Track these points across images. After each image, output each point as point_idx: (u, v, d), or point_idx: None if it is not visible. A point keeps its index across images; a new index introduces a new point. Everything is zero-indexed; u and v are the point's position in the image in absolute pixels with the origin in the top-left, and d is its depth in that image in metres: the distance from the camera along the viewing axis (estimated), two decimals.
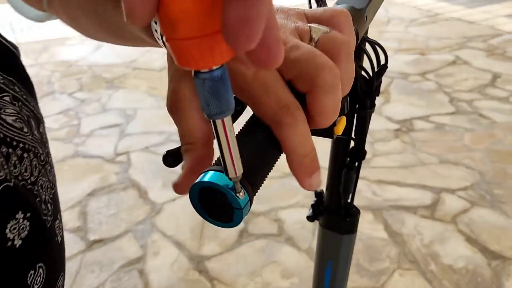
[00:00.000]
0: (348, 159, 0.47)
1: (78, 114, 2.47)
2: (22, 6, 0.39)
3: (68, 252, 1.56)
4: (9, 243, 0.27)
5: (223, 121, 0.22)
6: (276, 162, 0.28)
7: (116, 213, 1.73)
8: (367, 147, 1.87)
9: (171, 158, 0.31)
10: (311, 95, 0.26)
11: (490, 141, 2.10)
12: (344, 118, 0.30)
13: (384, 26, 3.74)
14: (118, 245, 1.59)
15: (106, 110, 2.52)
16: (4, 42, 0.35)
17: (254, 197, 0.26)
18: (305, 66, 0.26)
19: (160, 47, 0.32)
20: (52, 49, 3.45)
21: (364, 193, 1.78)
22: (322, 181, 0.30)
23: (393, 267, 1.46)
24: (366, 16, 0.37)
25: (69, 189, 1.87)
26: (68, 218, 1.71)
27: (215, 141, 0.24)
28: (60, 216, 0.36)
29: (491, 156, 1.99)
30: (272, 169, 0.28)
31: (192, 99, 0.27)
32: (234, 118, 0.34)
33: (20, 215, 0.28)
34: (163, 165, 0.32)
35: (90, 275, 1.47)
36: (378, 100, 2.50)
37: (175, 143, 2.14)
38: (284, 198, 1.76)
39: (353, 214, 0.51)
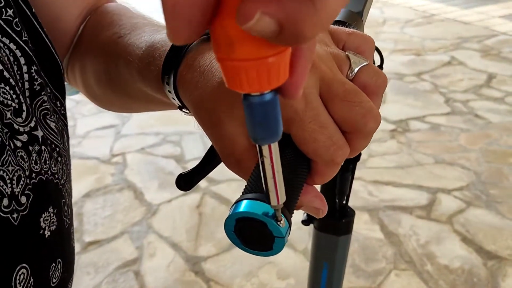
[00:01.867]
0: None
1: (74, 115, 2.46)
2: None
3: None
4: (41, 231, 0.30)
5: (269, 147, 0.21)
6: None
7: (112, 214, 1.73)
8: None
9: (183, 181, 0.31)
10: (350, 135, 0.27)
11: (485, 141, 2.11)
12: None
13: (380, 27, 3.75)
14: (114, 247, 1.58)
15: (102, 111, 2.50)
16: (57, 57, 0.37)
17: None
18: (354, 111, 0.26)
19: (174, 108, 0.33)
20: None
21: (360, 194, 1.79)
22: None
23: (389, 267, 1.46)
24: (363, 19, 0.37)
25: None
26: None
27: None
28: (73, 225, 0.38)
29: (487, 156, 2.00)
30: (301, 190, 0.27)
31: (252, 152, 0.27)
32: None
33: (51, 209, 0.31)
34: (159, 166, 0.32)
35: (85, 277, 1.46)
36: None
37: (171, 144, 2.14)
38: None
39: (348, 215, 0.51)
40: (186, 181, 0.31)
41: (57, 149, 0.34)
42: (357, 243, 1.54)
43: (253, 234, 0.25)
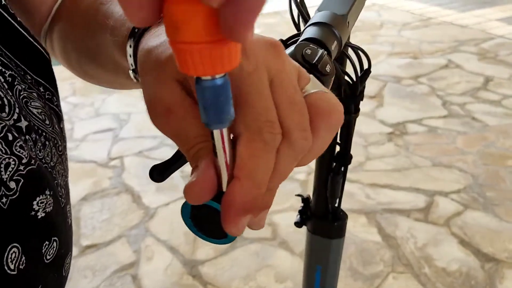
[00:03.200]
0: (334, 163, 0.47)
1: (71, 118, 2.46)
2: None
3: None
4: (33, 213, 0.32)
5: (221, 132, 0.21)
6: None
7: (109, 218, 1.73)
8: (360, 150, 1.85)
9: (156, 172, 0.31)
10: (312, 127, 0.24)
11: (482, 144, 2.12)
12: None
13: (377, 30, 3.76)
14: (111, 250, 1.58)
15: (100, 114, 2.51)
16: (37, 45, 0.40)
17: None
18: (320, 99, 0.25)
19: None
20: None
21: (357, 197, 1.79)
22: (309, 186, 0.29)
23: (387, 270, 1.46)
24: (348, 22, 0.37)
25: None
26: None
27: None
28: (70, 203, 0.41)
29: (484, 158, 2.00)
30: None
31: (185, 105, 0.24)
32: None
33: (48, 192, 0.34)
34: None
35: (82, 280, 1.46)
36: (372, 104, 2.51)
37: (168, 147, 2.14)
38: (278, 202, 1.76)
39: (340, 218, 0.51)
40: (159, 173, 0.31)
41: (44, 133, 0.36)
42: (355, 246, 1.54)
43: (208, 221, 0.25)
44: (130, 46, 0.31)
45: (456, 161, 2.00)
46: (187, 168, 0.27)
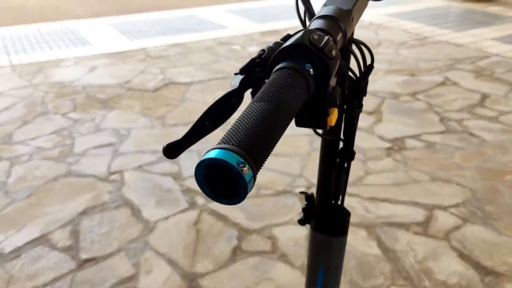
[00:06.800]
0: (338, 160, 0.48)
1: (72, 134, 2.47)
2: None
3: (58, 271, 1.55)
4: None
5: None
6: (279, 139, 0.29)
7: (109, 231, 1.72)
8: (359, 165, 1.87)
9: (171, 150, 0.32)
10: None
11: (480, 159, 2.13)
12: (336, 110, 0.32)
13: (374, 48, 3.81)
14: (110, 264, 1.57)
15: (100, 130, 2.52)
16: None
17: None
18: None
19: None
20: (46, 70, 3.47)
21: (357, 211, 1.79)
22: (313, 183, 0.31)
23: (387, 283, 1.45)
24: (352, 17, 0.39)
25: (61, 208, 1.86)
26: (59, 237, 1.69)
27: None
28: None
29: (482, 173, 2.02)
30: (275, 146, 0.29)
31: None
32: (231, 111, 0.36)
33: None
34: (157, 183, 0.34)
35: None
36: (370, 120, 2.54)
37: (168, 162, 2.15)
38: (278, 216, 1.76)
39: (343, 215, 0.52)
40: (173, 150, 0.32)
41: None
42: (355, 259, 1.54)
43: (220, 180, 0.26)
44: None
45: (454, 176, 2.01)
46: (187, 181, 0.28)
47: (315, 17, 0.38)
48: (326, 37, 0.32)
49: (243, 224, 1.72)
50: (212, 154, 0.26)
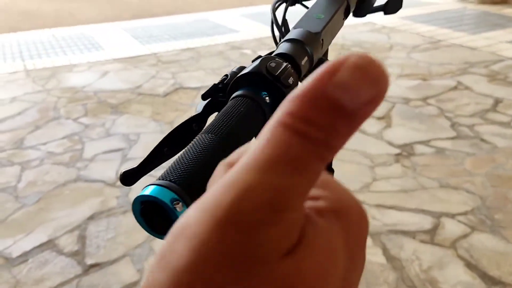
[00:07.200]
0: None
1: (82, 138, 2.51)
2: None
3: (64, 276, 1.57)
4: None
5: None
6: None
7: (115, 236, 1.74)
8: (367, 171, 1.85)
9: (128, 178, 0.32)
10: None
11: (491, 166, 2.09)
12: None
13: (386, 52, 3.78)
14: (115, 269, 1.58)
15: (110, 135, 2.55)
16: None
17: None
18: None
19: None
20: (59, 75, 3.52)
21: None
22: None
23: None
24: (322, 39, 0.39)
25: (69, 213, 1.88)
26: (66, 242, 1.72)
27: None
28: None
29: (492, 181, 1.98)
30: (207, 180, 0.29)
31: None
32: (191, 138, 0.36)
33: None
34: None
35: None
36: (380, 125, 2.51)
37: None
38: None
39: None
40: (130, 178, 0.32)
41: None
42: None
43: (157, 217, 0.26)
44: None
45: (464, 183, 1.97)
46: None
47: (282, 40, 0.37)
48: (284, 65, 0.32)
49: None
50: (148, 191, 0.26)
